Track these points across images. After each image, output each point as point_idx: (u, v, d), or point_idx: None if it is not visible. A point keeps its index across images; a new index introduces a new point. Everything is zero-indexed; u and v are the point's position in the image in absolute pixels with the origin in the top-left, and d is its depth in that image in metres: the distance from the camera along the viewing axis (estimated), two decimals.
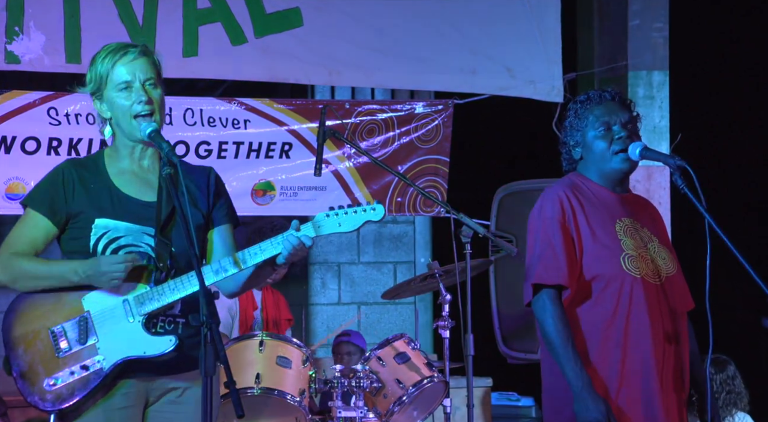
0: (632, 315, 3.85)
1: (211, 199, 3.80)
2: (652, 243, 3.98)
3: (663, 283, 3.92)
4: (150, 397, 3.67)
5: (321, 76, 6.68)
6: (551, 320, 3.82)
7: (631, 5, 7.13)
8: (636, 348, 3.85)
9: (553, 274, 3.85)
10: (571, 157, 4.07)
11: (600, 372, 3.84)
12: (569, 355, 3.78)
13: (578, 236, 3.90)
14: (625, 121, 3.98)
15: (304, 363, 5.19)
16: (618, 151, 3.95)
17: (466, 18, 6.81)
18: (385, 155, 6.94)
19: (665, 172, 6.87)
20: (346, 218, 3.66)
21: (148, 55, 3.70)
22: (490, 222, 6.83)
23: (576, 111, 4.04)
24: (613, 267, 3.87)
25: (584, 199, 3.96)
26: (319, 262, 7.99)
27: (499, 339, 6.70)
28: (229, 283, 3.75)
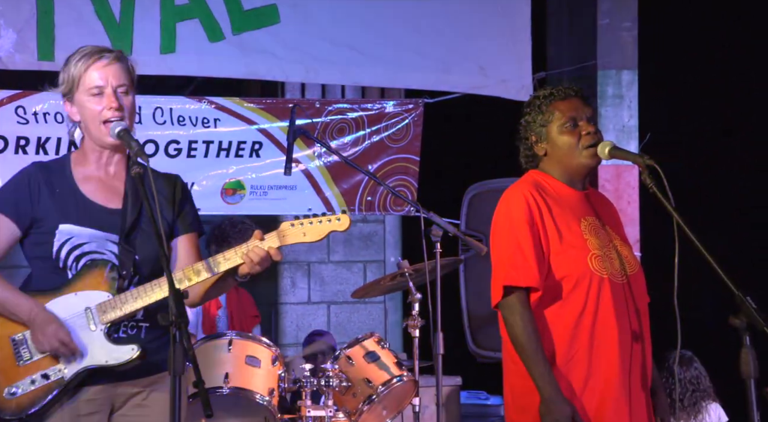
0: (600, 315, 3.85)
1: (177, 208, 3.76)
2: (615, 241, 3.98)
3: (627, 282, 3.93)
4: (115, 403, 3.65)
5: (297, 73, 6.68)
6: (521, 323, 3.81)
7: (601, 4, 7.15)
8: (603, 348, 3.85)
9: (522, 276, 3.83)
10: (533, 153, 4.04)
11: (567, 373, 3.84)
12: (538, 358, 3.77)
13: (545, 236, 3.88)
14: (590, 117, 3.98)
15: (273, 363, 5.17)
16: (586, 146, 3.95)
17: (441, 17, 6.82)
18: (355, 154, 6.94)
19: (634, 171, 6.89)
20: (311, 228, 3.65)
21: (123, 60, 3.68)
22: (460, 221, 6.84)
23: (539, 106, 4.00)
24: (581, 267, 3.86)
25: (549, 197, 3.94)
26: (288, 261, 7.97)
27: (469, 337, 6.71)
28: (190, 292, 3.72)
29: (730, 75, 8.53)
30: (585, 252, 3.88)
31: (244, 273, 3.64)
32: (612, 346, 3.85)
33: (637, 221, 6.96)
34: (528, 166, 4.08)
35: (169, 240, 3.75)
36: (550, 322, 3.88)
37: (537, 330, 3.81)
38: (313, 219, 3.65)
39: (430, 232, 5.31)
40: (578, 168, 3.97)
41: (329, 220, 3.66)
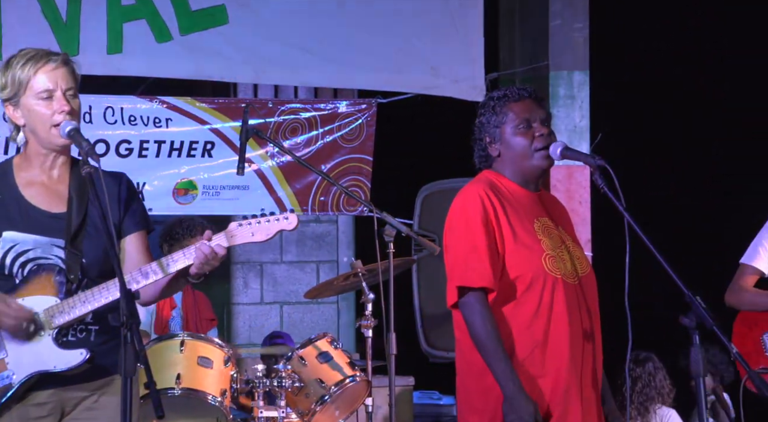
0: (553, 316, 3.87)
1: (122, 207, 3.73)
2: (567, 242, 4.00)
3: (580, 283, 3.95)
4: (65, 407, 3.61)
5: (247, 73, 6.67)
6: (480, 322, 3.81)
7: (552, 5, 7.18)
8: (555, 348, 3.87)
9: (478, 276, 3.84)
10: (487, 154, 4.04)
11: (521, 372, 3.85)
12: (499, 356, 3.78)
13: (500, 236, 3.89)
14: (544, 119, 4.00)
15: (226, 364, 5.16)
16: (540, 148, 3.97)
17: (392, 17, 6.83)
18: (308, 154, 6.93)
19: (585, 172, 6.93)
20: (259, 227, 3.63)
21: (69, 64, 3.65)
22: (413, 221, 6.85)
23: (493, 107, 4.00)
24: (535, 268, 3.87)
25: (503, 197, 3.95)
26: (241, 262, 7.95)
27: (422, 337, 6.72)
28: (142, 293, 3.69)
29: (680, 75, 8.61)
30: (539, 252, 3.90)
31: (194, 273, 3.62)
32: (563, 346, 3.87)
33: (589, 221, 7.00)
34: (482, 167, 4.08)
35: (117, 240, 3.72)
36: (506, 322, 3.88)
37: (497, 328, 3.81)
38: (261, 218, 3.64)
39: (383, 232, 5.31)
40: (531, 169, 3.99)
41: (277, 219, 3.65)
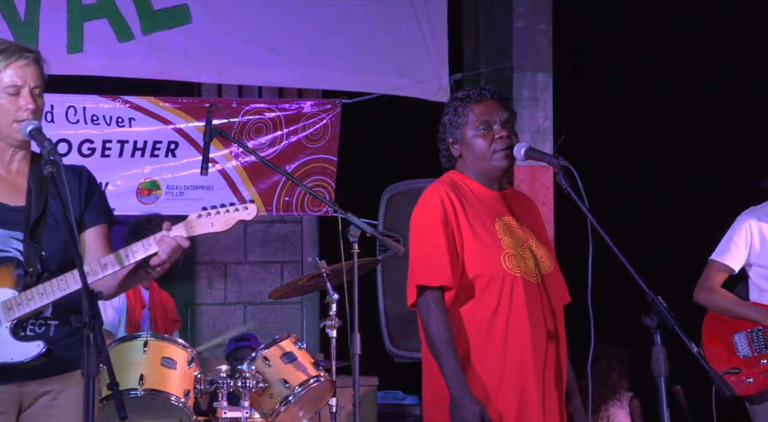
0: (512, 315, 3.89)
1: (83, 200, 3.72)
2: (530, 241, 4.02)
3: (542, 281, 3.97)
4: (23, 403, 3.59)
5: (210, 73, 6.65)
6: (434, 322, 3.85)
7: (516, 6, 7.21)
8: (516, 347, 3.89)
9: (436, 275, 3.87)
10: (450, 155, 4.08)
11: (481, 371, 3.88)
12: (449, 357, 3.81)
13: (460, 235, 3.92)
14: (505, 120, 4.02)
15: (189, 364, 5.14)
16: (498, 150, 3.98)
17: (357, 17, 6.83)
18: (272, 154, 6.92)
19: (549, 172, 6.97)
20: (218, 217, 3.63)
21: (40, 62, 3.66)
22: (378, 221, 6.85)
23: (456, 108, 4.04)
24: (494, 267, 3.90)
25: (464, 197, 3.98)
26: (205, 262, 7.92)
27: (386, 338, 6.72)
28: (99, 287, 3.67)
29: (644, 76, 8.66)
30: (498, 251, 3.92)
31: (155, 264, 3.62)
32: (525, 345, 3.89)
33: (552, 221, 7.03)
34: (447, 167, 4.12)
35: (78, 233, 3.70)
36: (465, 320, 3.92)
37: (450, 329, 3.85)
38: (220, 209, 3.64)
39: (347, 233, 5.31)
40: (491, 170, 4.02)
41: (236, 210, 3.65)
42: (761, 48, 8.32)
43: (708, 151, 8.61)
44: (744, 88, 8.52)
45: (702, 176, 8.65)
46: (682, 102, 8.62)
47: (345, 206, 5.41)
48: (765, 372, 5.16)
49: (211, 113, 5.54)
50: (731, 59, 8.50)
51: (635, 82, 8.61)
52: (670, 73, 8.60)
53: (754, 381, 5.17)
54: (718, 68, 8.53)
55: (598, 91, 8.51)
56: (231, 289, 7.96)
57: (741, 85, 8.54)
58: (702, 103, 8.59)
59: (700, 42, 8.52)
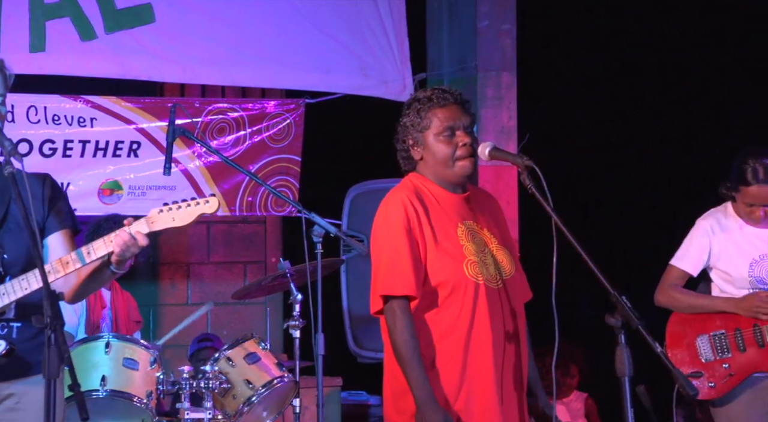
0: (475, 322, 3.90)
1: (46, 205, 3.70)
2: (492, 245, 4.02)
3: (504, 286, 3.98)
4: None
5: (174, 73, 6.61)
6: (400, 330, 3.85)
7: (480, 6, 7.22)
8: (477, 353, 3.90)
9: (400, 285, 3.87)
10: (410, 156, 4.05)
11: (443, 377, 3.89)
12: (414, 365, 3.82)
13: (423, 242, 3.91)
14: (467, 125, 4.00)
15: (152, 365, 5.11)
16: (462, 157, 3.97)
17: (321, 17, 6.81)
18: (236, 154, 6.90)
19: (513, 172, 6.98)
20: (180, 212, 3.61)
21: (3, 71, 3.64)
22: (342, 221, 6.84)
23: (418, 110, 4.00)
24: (457, 274, 3.90)
25: (427, 203, 3.96)
26: (168, 262, 7.87)
27: (350, 338, 6.72)
28: (63, 288, 3.65)
29: (608, 75, 8.70)
30: (461, 258, 3.92)
31: (116, 261, 3.59)
32: (486, 351, 3.90)
33: (516, 221, 7.05)
34: (406, 168, 4.10)
35: (41, 238, 3.68)
36: (427, 327, 3.92)
37: (415, 336, 3.85)
38: (181, 203, 3.62)
39: (311, 233, 5.30)
40: (452, 176, 4.00)
41: (197, 203, 3.63)
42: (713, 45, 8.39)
43: (675, 152, 8.67)
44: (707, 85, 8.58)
45: (668, 173, 8.71)
46: (647, 100, 8.68)
47: (309, 206, 5.40)
48: (726, 377, 5.17)
49: (173, 113, 5.52)
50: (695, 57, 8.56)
51: (599, 81, 8.65)
52: (634, 71, 8.65)
53: (715, 386, 5.19)
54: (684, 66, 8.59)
55: (562, 90, 8.55)
56: (194, 289, 7.92)
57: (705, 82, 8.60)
58: (667, 100, 8.65)
59: (664, 40, 8.57)
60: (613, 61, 8.69)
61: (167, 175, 5.43)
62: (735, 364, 5.15)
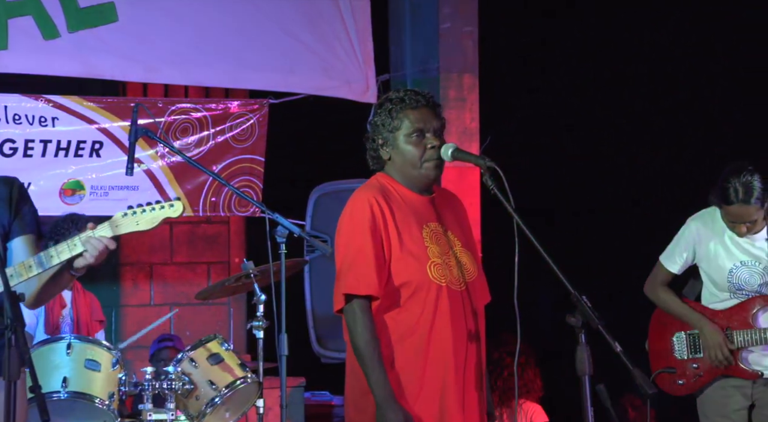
0: (435, 324, 3.92)
1: (12, 208, 3.68)
2: (455, 248, 4.03)
3: (466, 290, 3.99)
4: None
5: (137, 72, 6.59)
6: (360, 330, 3.86)
7: (442, 8, 7.25)
8: (437, 355, 3.92)
9: (363, 285, 3.88)
10: (379, 156, 4.06)
11: (403, 378, 3.90)
12: (375, 365, 3.83)
13: (387, 242, 3.92)
14: (437, 128, 4.02)
15: (114, 366, 5.09)
16: (430, 160, 3.98)
17: (284, 17, 6.81)
18: (199, 154, 6.88)
19: (476, 173, 7.00)
20: (144, 216, 3.60)
21: None
22: (306, 222, 6.84)
23: (390, 111, 4.02)
24: (420, 276, 3.91)
25: (393, 203, 3.97)
26: (130, 263, 7.84)
27: (313, 338, 6.71)
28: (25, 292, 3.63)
29: (569, 77, 8.74)
30: (425, 260, 3.93)
31: (80, 266, 3.57)
32: (446, 353, 3.92)
33: (479, 222, 7.08)
34: (374, 167, 4.11)
35: (5, 241, 3.66)
36: (389, 327, 3.93)
37: (376, 337, 3.87)
38: (146, 207, 3.61)
39: (275, 233, 5.30)
40: (419, 178, 4.02)
41: (162, 207, 3.62)
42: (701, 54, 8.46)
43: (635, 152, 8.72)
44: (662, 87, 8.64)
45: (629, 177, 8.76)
46: (611, 101, 8.72)
47: (272, 207, 5.40)
48: (695, 377, 5.23)
49: (136, 113, 5.49)
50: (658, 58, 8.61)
51: (563, 81, 8.69)
52: (596, 73, 8.69)
53: (684, 384, 5.25)
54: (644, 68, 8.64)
55: (524, 92, 8.58)
56: (157, 290, 7.89)
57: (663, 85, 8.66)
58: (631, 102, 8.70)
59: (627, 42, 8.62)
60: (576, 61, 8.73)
61: (130, 175, 5.41)
62: (704, 365, 5.21)
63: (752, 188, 5.00)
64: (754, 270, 5.14)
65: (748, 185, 5.01)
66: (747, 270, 5.14)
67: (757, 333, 5.09)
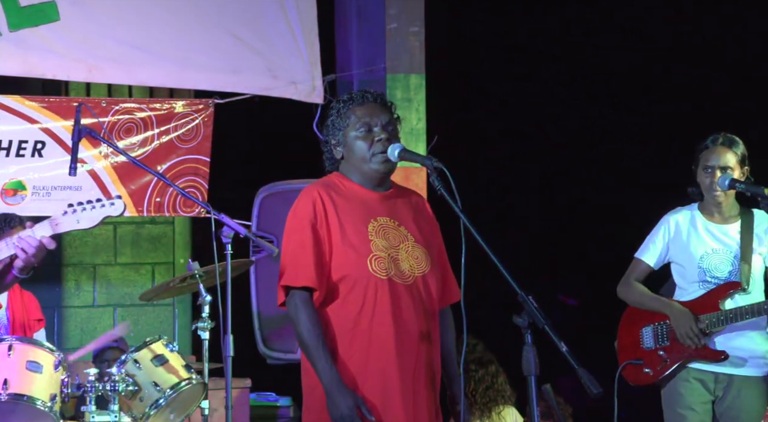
0: (375, 318, 3.94)
1: None
2: (406, 242, 4.05)
3: (414, 283, 4.00)
4: None
5: (80, 72, 6.54)
6: (303, 321, 3.90)
7: (389, 8, 7.26)
8: (379, 350, 3.94)
9: (300, 276, 3.92)
10: (333, 157, 4.11)
11: (346, 372, 3.92)
12: (320, 354, 3.87)
13: (329, 237, 3.96)
14: (386, 123, 4.05)
15: (56, 368, 5.04)
16: (377, 153, 4.01)
17: (227, 18, 6.79)
18: (143, 154, 6.84)
19: (422, 174, 7.02)
20: (84, 214, 3.58)
21: None
22: (252, 222, 6.81)
23: (338, 110, 4.08)
24: (360, 269, 3.94)
25: (340, 199, 4.01)
26: (73, 264, 7.77)
27: (259, 339, 6.69)
28: None
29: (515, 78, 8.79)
30: (366, 253, 3.96)
31: (20, 267, 3.53)
32: (388, 348, 3.94)
33: None
34: (331, 169, 4.15)
35: None
36: (331, 321, 3.97)
37: (319, 326, 3.91)
38: (86, 205, 3.58)
39: (220, 234, 5.27)
40: (371, 172, 4.05)
41: (103, 205, 3.60)
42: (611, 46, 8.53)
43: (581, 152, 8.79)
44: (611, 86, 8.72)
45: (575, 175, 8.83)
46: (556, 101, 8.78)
47: (218, 207, 5.37)
48: (661, 363, 5.31)
49: (79, 112, 5.44)
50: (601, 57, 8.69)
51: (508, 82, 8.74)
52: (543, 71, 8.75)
53: (651, 372, 5.33)
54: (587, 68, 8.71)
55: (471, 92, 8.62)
56: (100, 291, 7.83)
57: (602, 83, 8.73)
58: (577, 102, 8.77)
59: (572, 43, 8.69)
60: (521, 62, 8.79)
61: (73, 175, 5.37)
62: (670, 352, 5.29)
63: (733, 138, 5.26)
64: (725, 258, 5.24)
65: (729, 135, 5.26)
66: (717, 257, 5.24)
67: (723, 314, 5.17)
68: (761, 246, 5.25)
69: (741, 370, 5.22)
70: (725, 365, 5.20)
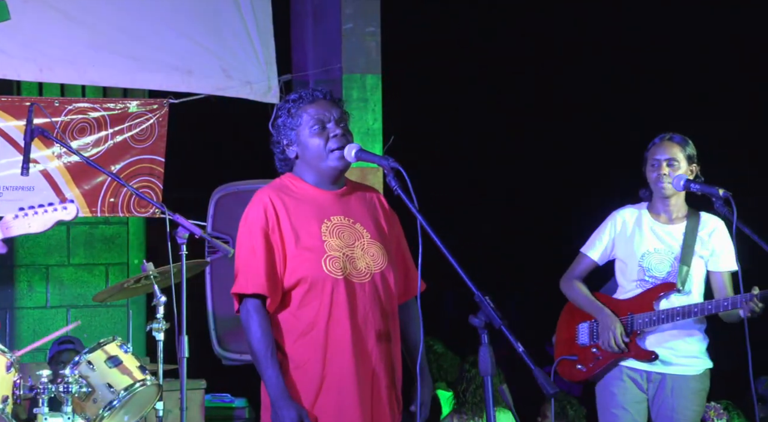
0: (332, 318, 3.93)
1: None
2: (361, 240, 4.03)
3: (371, 281, 3.99)
4: None
5: (31, 72, 6.48)
6: (253, 329, 3.90)
7: (344, 9, 7.26)
8: (336, 351, 3.92)
9: (251, 284, 3.91)
10: (286, 157, 4.08)
11: (303, 375, 3.92)
12: (268, 363, 3.86)
13: (281, 242, 3.94)
14: (338, 118, 4.04)
15: (8, 370, 4.99)
16: (334, 149, 3.99)
17: (180, 18, 6.77)
18: (97, 155, 6.79)
19: (379, 174, 7.02)
20: (36, 218, 3.55)
21: None
22: (207, 223, 6.77)
23: (289, 110, 4.05)
24: (315, 270, 3.92)
25: (292, 201, 3.99)
26: (25, 264, 7.70)
27: (214, 340, 6.65)
28: None
29: (471, 78, 8.82)
30: (320, 254, 3.94)
31: None
32: (345, 348, 3.92)
33: None
34: (283, 170, 4.12)
35: None
36: (290, 325, 3.95)
37: (270, 335, 3.90)
38: (38, 209, 3.55)
39: (175, 234, 5.24)
40: (328, 170, 4.03)
41: (55, 209, 3.57)
42: None
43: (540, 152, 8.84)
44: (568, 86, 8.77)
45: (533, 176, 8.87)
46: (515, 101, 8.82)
47: (173, 207, 5.34)
48: (594, 360, 5.33)
49: (32, 112, 5.39)
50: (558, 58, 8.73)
51: (465, 82, 8.76)
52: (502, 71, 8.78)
53: (584, 369, 5.36)
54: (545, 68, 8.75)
55: (427, 92, 8.63)
56: (53, 292, 7.76)
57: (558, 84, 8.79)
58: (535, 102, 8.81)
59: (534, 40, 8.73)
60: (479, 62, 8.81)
61: (25, 175, 5.31)
62: (603, 350, 5.31)
63: (682, 136, 5.30)
64: (665, 258, 5.27)
65: (677, 134, 5.30)
66: (658, 256, 5.28)
67: (656, 315, 5.21)
68: (704, 249, 5.28)
69: (673, 369, 5.26)
70: (657, 364, 5.25)
